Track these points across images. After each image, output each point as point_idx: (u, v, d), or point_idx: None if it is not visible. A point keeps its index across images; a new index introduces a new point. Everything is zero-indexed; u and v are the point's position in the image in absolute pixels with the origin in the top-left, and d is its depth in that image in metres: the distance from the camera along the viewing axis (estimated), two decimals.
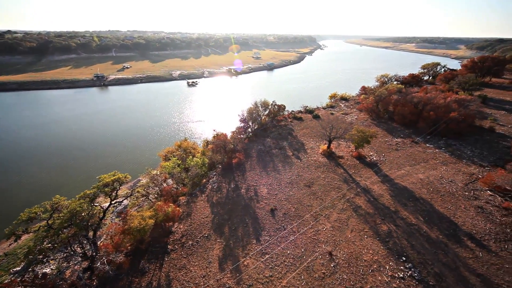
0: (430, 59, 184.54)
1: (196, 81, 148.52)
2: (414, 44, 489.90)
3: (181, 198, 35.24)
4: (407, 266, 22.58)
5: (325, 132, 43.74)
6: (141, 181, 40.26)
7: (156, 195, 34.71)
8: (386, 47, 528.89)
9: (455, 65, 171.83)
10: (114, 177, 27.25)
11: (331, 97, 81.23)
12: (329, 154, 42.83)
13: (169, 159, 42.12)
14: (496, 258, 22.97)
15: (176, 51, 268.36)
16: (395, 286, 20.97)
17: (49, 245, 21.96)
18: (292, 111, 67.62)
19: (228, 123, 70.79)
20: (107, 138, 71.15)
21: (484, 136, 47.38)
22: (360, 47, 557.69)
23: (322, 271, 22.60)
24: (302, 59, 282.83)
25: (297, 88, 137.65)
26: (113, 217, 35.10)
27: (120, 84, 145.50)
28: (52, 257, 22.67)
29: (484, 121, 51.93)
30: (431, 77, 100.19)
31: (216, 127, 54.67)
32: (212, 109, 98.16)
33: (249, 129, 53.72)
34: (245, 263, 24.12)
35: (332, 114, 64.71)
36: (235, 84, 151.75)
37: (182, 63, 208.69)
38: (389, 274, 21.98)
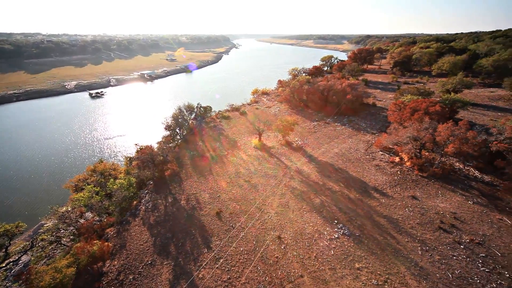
0: (325, 52, 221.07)
1: (102, 91, 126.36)
2: (312, 41, 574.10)
3: (108, 230, 29.77)
4: (339, 226, 26.83)
5: (254, 126, 45.95)
6: (46, 225, 31.62)
7: (72, 237, 28.01)
8: (291, 44, 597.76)
9: (343, 56, 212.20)
10: None
11: (253, 93, 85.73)
12: (261, 147, 45.36)
13: (82, 189, 34.64)
14: (392, 200, 30.33)
15: (66, 57, 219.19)
16: (334, 246, 24.59)
17: None
18: (219, 111, 67.60)
19: (152, 134, 64.16)
20: None
21: (370, 110, 60.98)
22: (271, 45, 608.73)
23: (275, 255, 24.00)
24: (220, 59, 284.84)
25: (220, 87, 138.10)
26: (9, 284, 26.21)
27: None
28: None
29: (368, 99, 66.65)
30: (329, 68, 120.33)
31: (138, 140, 48.63)
32: (131, 121, 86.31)
33: (178, 136, 50.40)
34: (200, 275, 22.85)
35: (257, 109, 68.45)
36: (152, 90, 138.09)
37: (77, 72, 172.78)
38: (328, 238, 25.56)
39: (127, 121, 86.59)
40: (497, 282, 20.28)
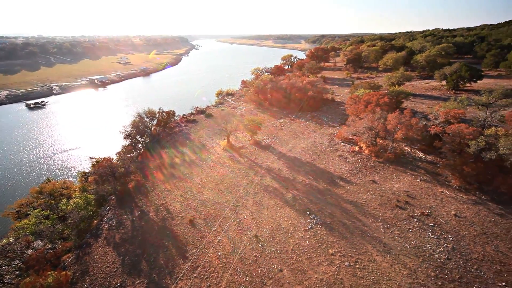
0: (285, 52, 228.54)
1: (44, 101, 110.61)
2: (271, 41, 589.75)
3: (65, 257, 26.38)
4: (312, 217, 28.14)
5: (221, 128, 45.34)
6: None
7: (18, 272, 24.09)
8: (251, 44, 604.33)
9: (302, 55, 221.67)
10: None
11: (218, 94, 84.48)
12: (230, 148, 44.99)
13: (27, 215, 30.02)
14: (356, 186, 32.95)
15: None
16: (308, 236, 25.70)
17: None
18: (184, 114, 65.08)
19: (110, 144, 58.63)
20: None
21: (330, 105, 65.17)
22: (231, 45, 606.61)
23: (254, 254, 24.09)
24: (180, 61, 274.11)
25: (183, 90, 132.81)
26: None
27: None
28: None
29: (328, 95, 71.12)
30: (289, 66, 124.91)
31: (94, 153, 44.03)
32: (84, 132, 77.38)
33: (140, 145, 47.06)
34: None
35: (223, 110, 67.65)
36: (105, 97, 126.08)
37: (7, 80, 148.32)
38: (302, 229, 26.60)
39: (79, 132, 77.50)
40: (444, 246, 23.57)
